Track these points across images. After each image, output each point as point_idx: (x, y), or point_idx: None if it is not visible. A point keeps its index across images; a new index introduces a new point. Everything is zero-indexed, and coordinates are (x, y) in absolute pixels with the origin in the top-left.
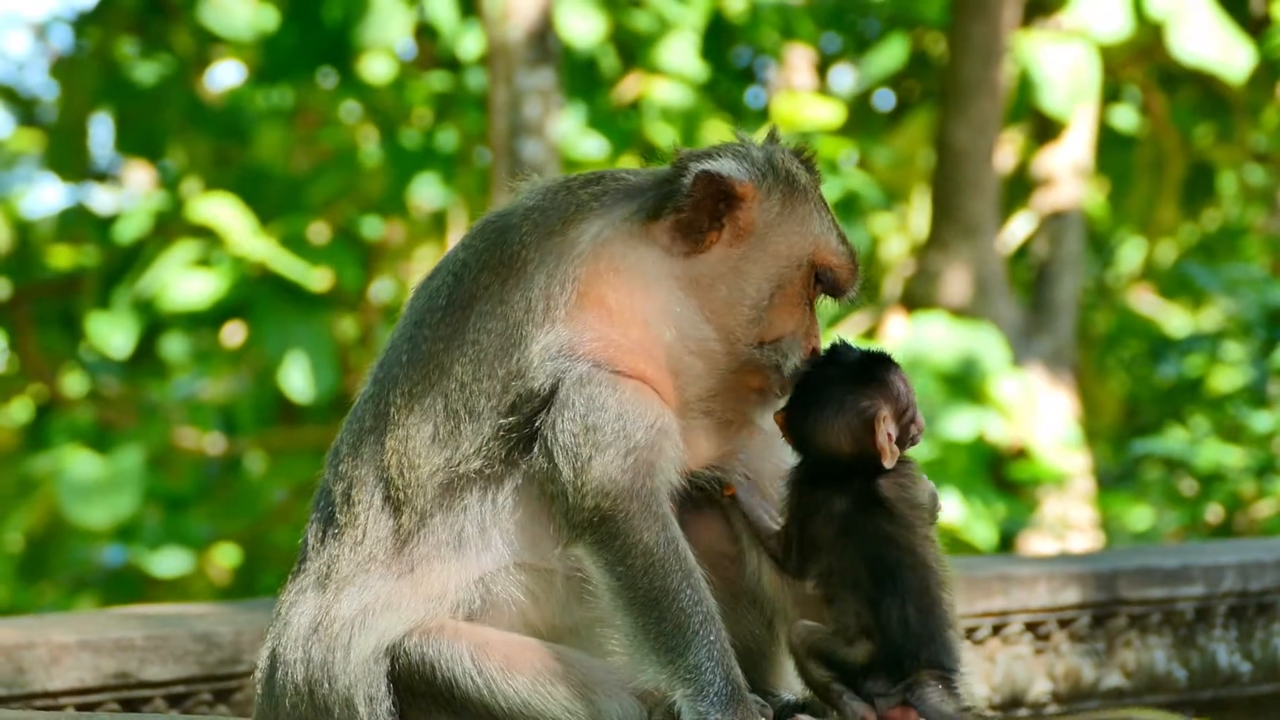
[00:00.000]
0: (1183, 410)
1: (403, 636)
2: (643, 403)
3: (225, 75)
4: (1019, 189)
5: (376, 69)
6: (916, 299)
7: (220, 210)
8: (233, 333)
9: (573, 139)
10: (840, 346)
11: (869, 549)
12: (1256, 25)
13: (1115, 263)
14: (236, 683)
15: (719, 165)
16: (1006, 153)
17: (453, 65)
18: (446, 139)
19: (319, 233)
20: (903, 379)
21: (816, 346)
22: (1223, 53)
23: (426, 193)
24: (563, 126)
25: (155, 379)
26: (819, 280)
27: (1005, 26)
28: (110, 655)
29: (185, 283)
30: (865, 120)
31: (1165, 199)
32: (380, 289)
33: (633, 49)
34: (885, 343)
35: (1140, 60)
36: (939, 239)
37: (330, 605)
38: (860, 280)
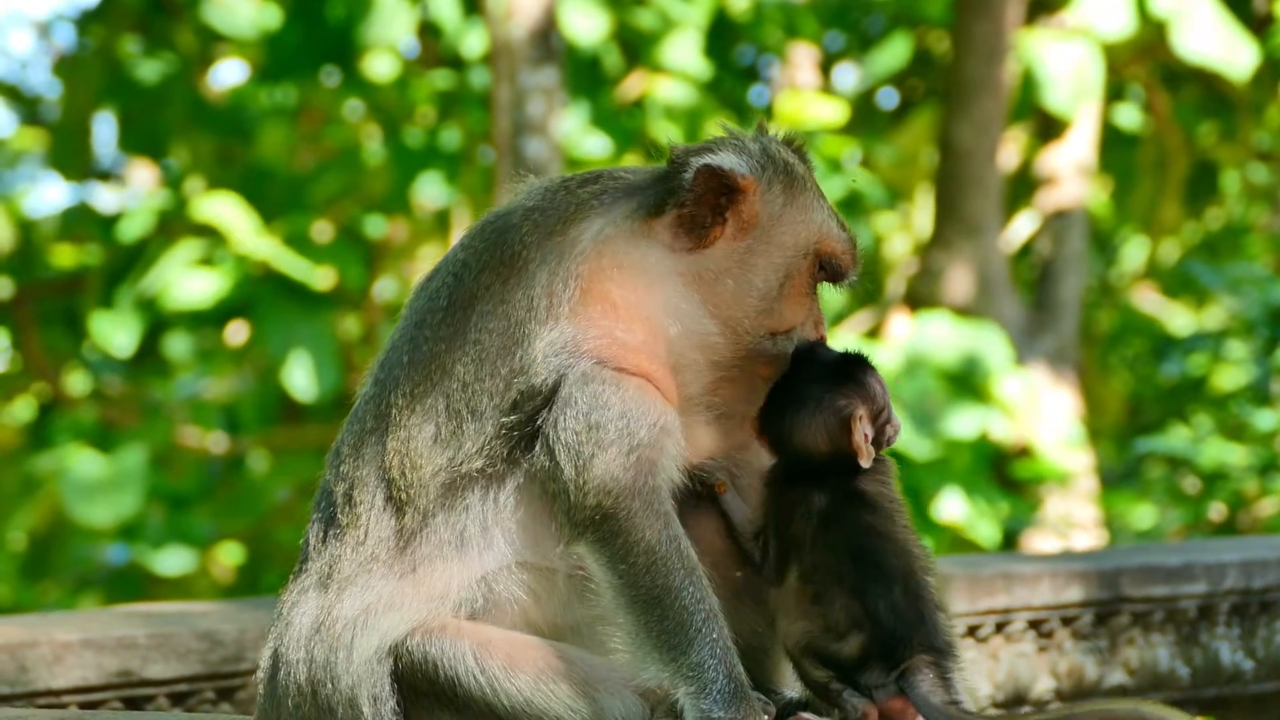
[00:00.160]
0: (1186, 409)
1: (405, 636)
2: (645, 400)
3: (228, 74)
4: (1022, 187)
5: (380, 67)
6: (920, 298)
7: (223, 209)
8: (236, 332)
9: (576, 137)
10: (817, 346)
11: (850, 541)
12: (1259, 24)
13: (1118, 261)
14: (239, 681)
15: (720, 159)
16: (1010, 151)
17: (456, 64)
18: (450, 137)
19: (322, 231)
20: (878, 380)
21: (824, 334)
22: (1226, 51)
23: (430, 191)
24: (566, 125)
25: (158, 378)
26: (822, 268)
27: (1009, 25)
28: (113, 653)
29: (188, 281)
30: (868, 119)
31: (1168, 197)
32: (383, 288)
33: (636, 47)
34: (889, 341)
35: (1143, 59)
36: (942, 238)
37: (332, 605)
38: (860, 265)
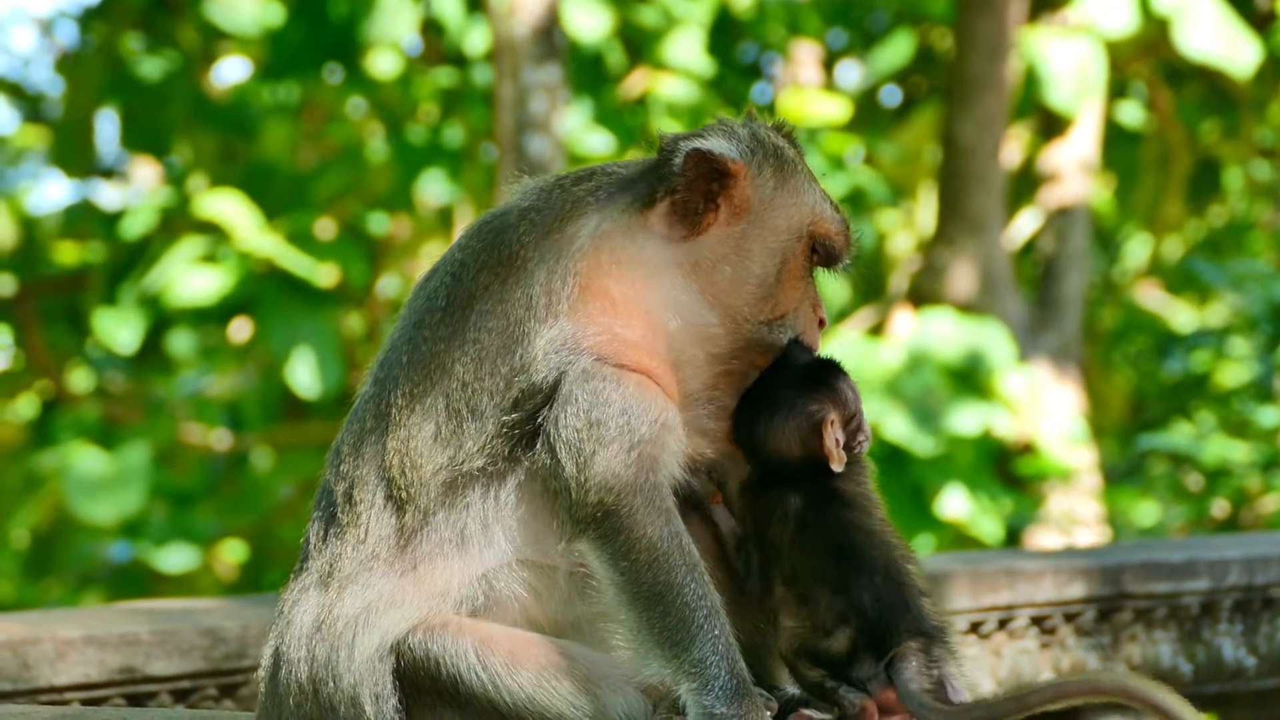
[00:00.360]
0: (1189, 405)
1: (406, 634)
2: (646, 397)
3: (231, 71)
4: (1025, 185)
5: (383, 65)
6: (923, 295)
7: (226, 206)
8: (239, 329)
9: (579, 135)
10: (791, 351)
11: (829, 539)
12: (1262, 21)
13: (1121, 258)
14: (242, 678)
15: (709, 143)
16: (1013, 148)
17: (459, 61)
18: (453, 135)
19: (325, 228)
20: (851, 386)
21: (823, 317)
22: (1229, 48)
23: (433, 188)
24: (569, 122)
25: (161, 375)
26: (815, 251)
27: (1012, 22)
28: (116, 650)
29: (191, 279)
30: (871, 116)
31: (1171, 194)
32: (386, 285)
33: (639, 44)
34: (892, 338)
35: (1146, 56)
36: (945, 235)
37: (333, 603)
38: (854, 248)
